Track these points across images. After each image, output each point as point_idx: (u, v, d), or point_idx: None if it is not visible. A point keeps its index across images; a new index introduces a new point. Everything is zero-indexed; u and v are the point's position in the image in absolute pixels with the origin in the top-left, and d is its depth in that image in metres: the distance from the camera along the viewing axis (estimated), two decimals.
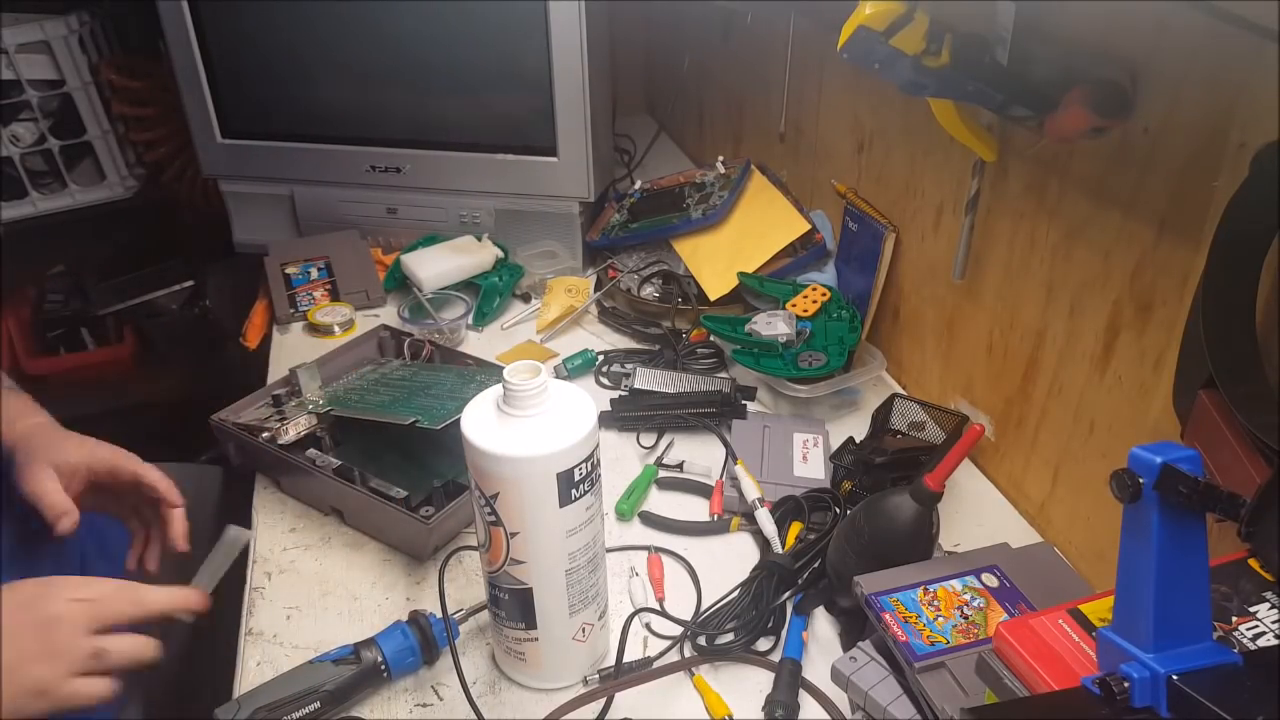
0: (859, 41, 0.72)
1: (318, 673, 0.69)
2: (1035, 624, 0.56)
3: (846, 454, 0.93)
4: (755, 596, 0.77)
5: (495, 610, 0.71)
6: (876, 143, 1.07)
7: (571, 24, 1.14)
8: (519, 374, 0.62)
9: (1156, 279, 0.69)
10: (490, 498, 0.64)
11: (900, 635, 0.65)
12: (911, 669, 0.63)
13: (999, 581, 0.70)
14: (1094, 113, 0.68)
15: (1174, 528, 0.44)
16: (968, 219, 0.89)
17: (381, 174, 1.32)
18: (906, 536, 0.72)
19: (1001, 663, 0.56)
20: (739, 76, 1.47)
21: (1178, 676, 0.44)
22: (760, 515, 0.85)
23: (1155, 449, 0.44)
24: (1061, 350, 0.81)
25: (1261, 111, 0.57)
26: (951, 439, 0.91)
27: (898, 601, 0.67)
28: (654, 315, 1.20)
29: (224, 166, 1.36)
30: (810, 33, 1.19)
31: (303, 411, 0.93)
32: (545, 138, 1.23)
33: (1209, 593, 0.46)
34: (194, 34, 1.24)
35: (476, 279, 1.25)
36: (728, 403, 1.01)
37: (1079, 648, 0.54)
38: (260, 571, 0.84)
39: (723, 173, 1.30)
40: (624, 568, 0.84)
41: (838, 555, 0.76)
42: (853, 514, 0.76)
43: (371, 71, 1.26)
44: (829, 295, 1.07)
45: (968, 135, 0.82)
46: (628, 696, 0.71)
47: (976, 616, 0.67)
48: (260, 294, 1.31)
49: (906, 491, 0.73)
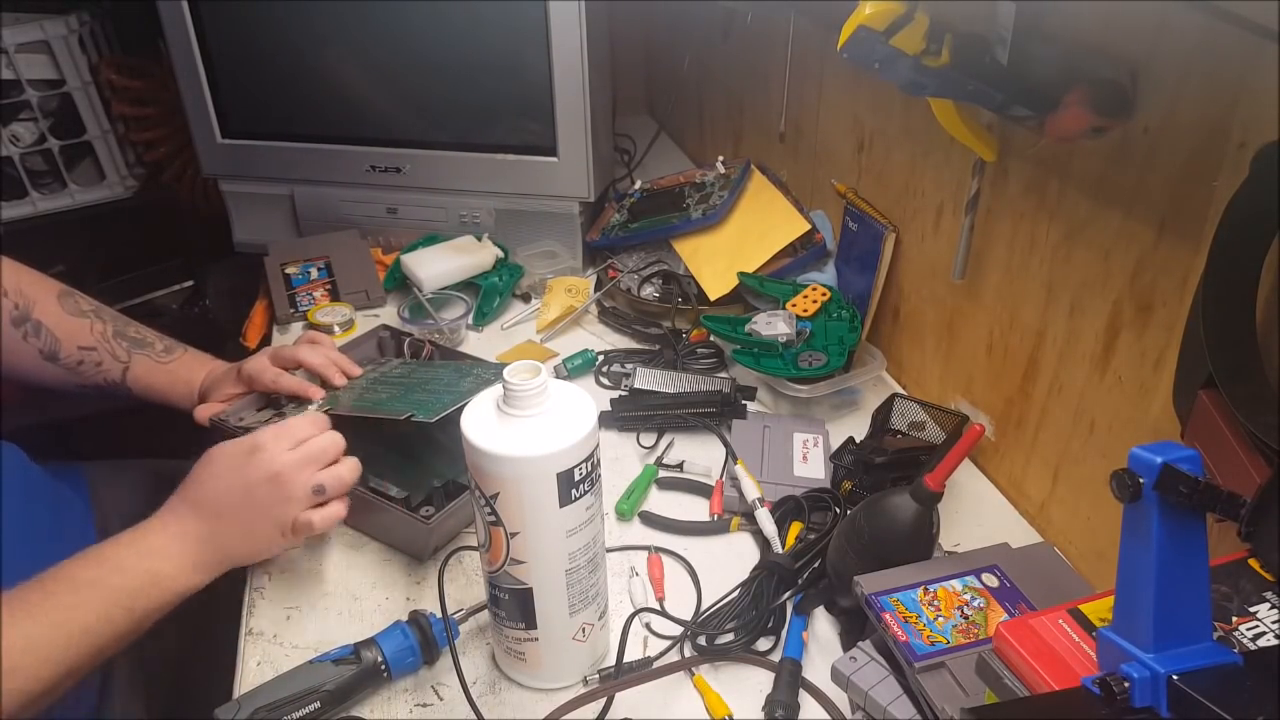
0: (859, 41, 0.72)
1: (318, 673, 0.69)
2: (1035, 624, 0.56)
3: (846, 454, 0.93)
4: (755, 596, 0.77)
5: (495, 610, 0.71)
6: (876, 143, 1.07)
7: (571, 24, 1.14)
8: (519, 374, 0.62)
9: (1156, 279, 0.69)
10: (490, 498, 0.64)
11: (900, 635, 0.65)
12: (911, 669, 0.63)
13: (999, 581, 0.70)
14: (1094, 113, 0.68)
15: (1174, 528, 0.44)
16: (968, 219, 0.89)
17: (381, 174, 1.32)
18: (906, 536, 0.72)
19: (1001, 662, 0.56)
20: (739, 76, 1.47)
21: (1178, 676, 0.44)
22: (760, 515, 0.85)
23: (1155, 449, 0.44)
24: (1062, 350, 0.81)
25: (1261, 111, 0.57)
26: (951, 439, 0.91)
27: (898, 601, 0.67)
28: (654, 315, 1.20)
29: (224, 166, 1.36)
30: (810, 33, 1.19)
31: (301, 412, 0.93)
32: (545, 138, 1.23)
33: (1209, 593, 0.46)
34: (194, 34, 1.24)
35: (476, 279, 1.25)
36: (728, 403, 1.01)
37: (1079, 648, 0.54)
38: (260, 571, 0.84)
39: (723, 173, 1.30)
40: (624, 568, 0.84)
41: (838, 555, 0.76)
42: (853, 514, 0.76)
43: (371, 71, 1.26)
44: (829, 295, 1.07)
45: (968, 135, 0.82)
46: (628, 696, 0.71)
47: (977, 616, 0.67)
48: (260, 294, 1.31)
49: (906, 491, 0.73)
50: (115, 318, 0.98)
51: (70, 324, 0.94)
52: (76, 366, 0.94)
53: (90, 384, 0.95)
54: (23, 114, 1.58)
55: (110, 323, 0.96)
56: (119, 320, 0.98)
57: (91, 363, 0.94)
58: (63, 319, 0.94)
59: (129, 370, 0.95)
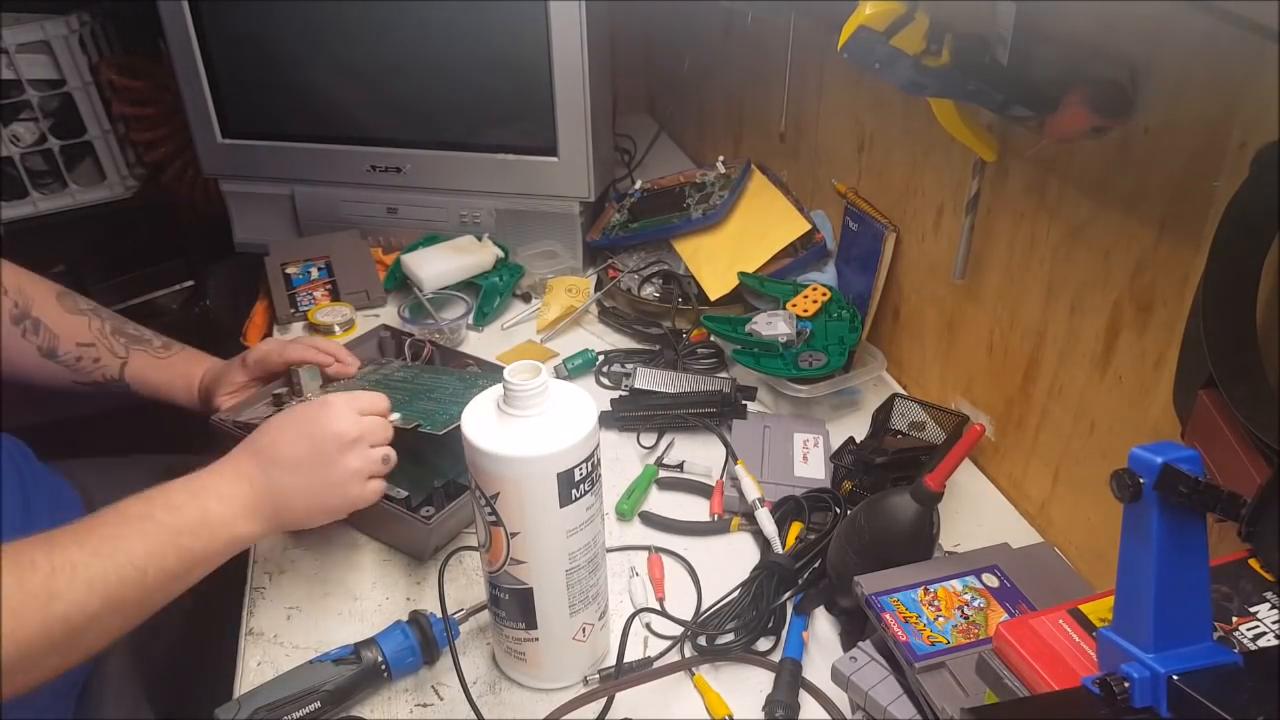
0: (859, 41, 0.73)
1: (318, 673, 0.69)
2: (1035, 624, 0.56)
3: (847, 454, 0.93)
4: (755, 596, 0.77)
5: (495, 610, 0.71)
6: (877, 143, 1.07)
7: (571, 24, 1.14)
8: (519, 374, 0.62)
9: (1156, 279, 0.69)
10: (490, 498, 0.64)
11: (900, 635, 0.65)
12: (912, 669, 0.63)
13: (999, 581, 0.70)
14: (1094, 113, 0.69)
15: (1174, 528, 0.44)
16: (968, 219, 0.89)
17: (382, 174, 1.32)
18: (907, 537, 0.72)
19: (1001, 663, 0.56)
20: (739, 76, 1.47)
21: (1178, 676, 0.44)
22: (760, 515, 0.85)
23: (1155, 449, 0.44)
24: (1062, 350, 0.81)
25: (1261, 111, 0.57)
26: (952, 439, 0.91)
27: (898, 602, 0.67)
28: (654, 315, 1.20)
29: (224, 166, 1.36)
30: (810, 33, 1.19)
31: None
32: (545, 138, 1.23)
33: (1209, 593, 0.46)
34: (194, 34, 1.24)
35: (477, 279, 1.25)
36: (728, 403, 1.01)
37: (1079, 648, 0.54)
38: (260, 571, 0.84)
39: (723, 173, 1.30)
40: (624, 568, 0.84)
41: (838, 555, 0.76)
42: (853, 514, 0.76)
43: (372, 71, 1.26)
44: (829, 295, 1.07)
45: (968, 135, 0.82)
46: (628, 696, 0.71)
47: (977, 616, 0.67)
48: (260, 294, 1.31)
49: (907, 491, 0.73)
50: (113, 316, 0.98)
51: (69, 321, 0.94)
52: (75, 363, 0.94)
53: (89, 380, 0.95)
54: (23, 114, 1.58)
55: (108, 320, 0.97)
56: (116, 319, 0.98)
57: (90, 359, 0.94)
58: (61, 316, 0.94)
59: (127, 365, 0.96)
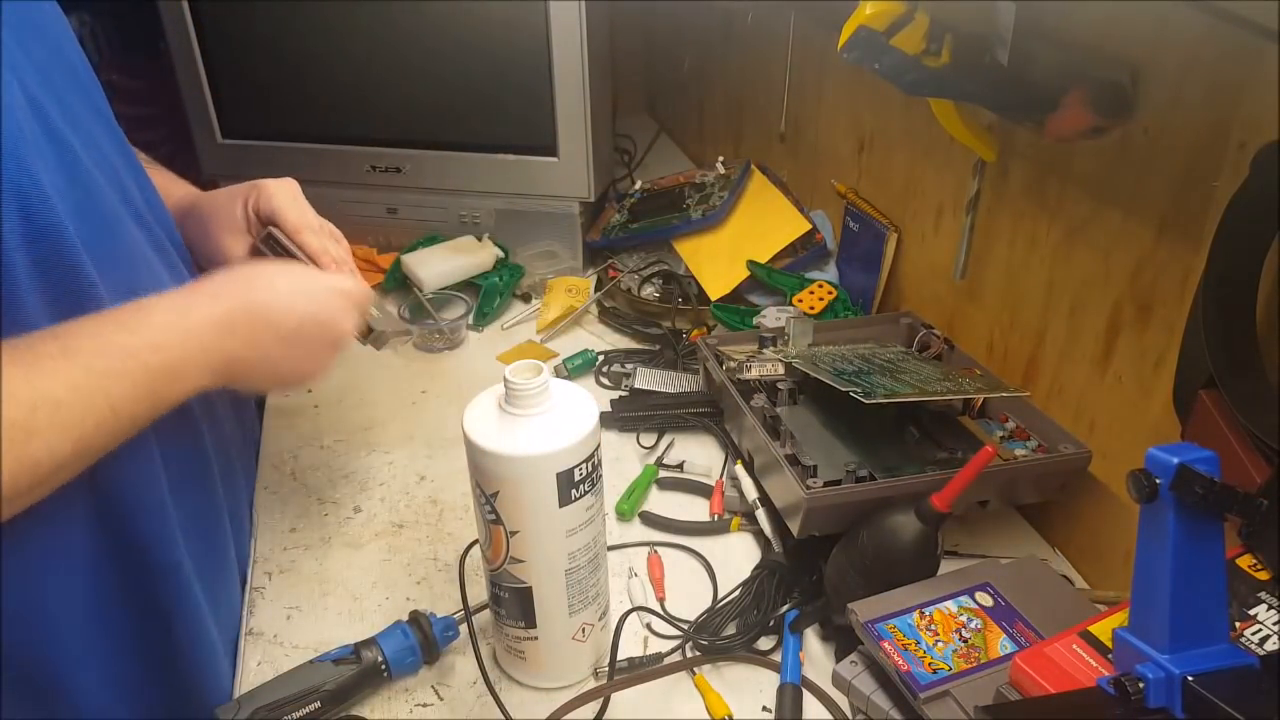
0: (859, 41, 0.73)
1: (318, 673, 0.69)
2: (1050, 652, 0.56)
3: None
4: (756, 596, 0.77)
5: (496, 609, 0.71)
6: (877, 143, 1.07)
7: (571, 24, 1.14)
8: (520, 373, 0.62)
9: (1156, 279, 0.69)
10: (490, 496, 0.64)
11: (902, 665, 0.62)
12: (917, 701, 0.61)
13: (993, 600, 0.68)
14: (1094, 113, 0.69)
15: (1190, 528, 0.44)
16: (968, 219, 0.89)
17: (381, 174, 1.32)
18: (910, 557, 0.70)
19: (1020, 695, 0.56)
20: (739, 76, 1.47)
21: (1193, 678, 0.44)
22: (760, 515, 0.85)
23: (1172, 450, 0.43)
24: (1062, 350, 0.81)
25: (1261, 111, 0.57)
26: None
27: (895, 628, 0.65)
28: (654, 315, 1.20)
29: (224, 166, 1.36)
30: (810, 33, 1.19)
31: (778, 359, 0.93)
32: (545, 138, 1.23)
33: (1226, 594, 0.46)
34: (194, 34, 1.24)
35: (477, 279, 1.25)
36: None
37: (1097, 672, 0.54)
38: (260, 571, 0.84)
39: (723, 173, 1.30)
40: (624, 568, 0.84)
41: (838, 574, 0.73)
42: (855, 532, 0.73)
43: (371, 71, 1.26)
44: (835, 294, 1.07)
45: (968, 135, 0.82)
46: (628, 696, 0.71)
47: (975, 639, 0.65)
48: None
49: (911, 510, 0.70)
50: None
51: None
52: None
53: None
54: None
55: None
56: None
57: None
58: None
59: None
